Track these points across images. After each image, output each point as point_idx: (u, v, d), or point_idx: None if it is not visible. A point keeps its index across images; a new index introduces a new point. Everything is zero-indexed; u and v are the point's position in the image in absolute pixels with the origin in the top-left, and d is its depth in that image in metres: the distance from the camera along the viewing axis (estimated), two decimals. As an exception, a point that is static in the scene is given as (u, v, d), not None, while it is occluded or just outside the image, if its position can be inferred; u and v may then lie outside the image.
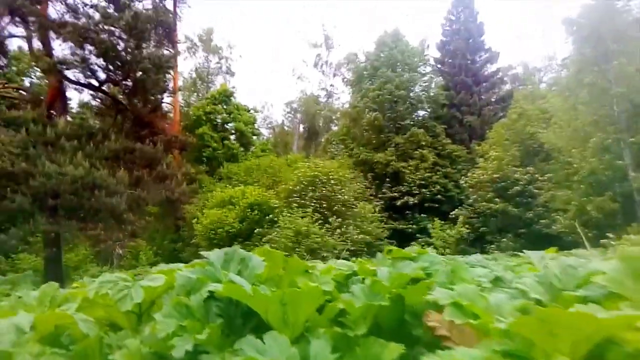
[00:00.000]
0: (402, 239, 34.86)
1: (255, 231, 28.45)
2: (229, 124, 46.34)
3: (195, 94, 55.68)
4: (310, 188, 27.28)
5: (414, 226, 36.20)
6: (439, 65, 45.05)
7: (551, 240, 28.25)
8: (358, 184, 30.78)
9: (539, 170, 29.95)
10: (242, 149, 45.07)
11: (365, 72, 43.17)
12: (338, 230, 24.58)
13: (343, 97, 76.03)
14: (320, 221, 24.67)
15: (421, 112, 43.11)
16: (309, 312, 1.81)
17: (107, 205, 13.81)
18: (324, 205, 26.48)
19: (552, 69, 65.17)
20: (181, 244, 37.27)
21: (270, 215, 28.71)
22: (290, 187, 28.13)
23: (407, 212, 36.71)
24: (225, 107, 46.93)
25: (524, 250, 3.18)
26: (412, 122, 39.52)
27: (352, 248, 24.95)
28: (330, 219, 25.32)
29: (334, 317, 1.91)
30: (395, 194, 36.74)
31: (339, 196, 27.26)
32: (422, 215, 36.45)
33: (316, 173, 27.61)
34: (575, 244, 22.71)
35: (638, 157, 18.67)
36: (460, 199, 36.37)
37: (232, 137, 46.56)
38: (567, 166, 22.84)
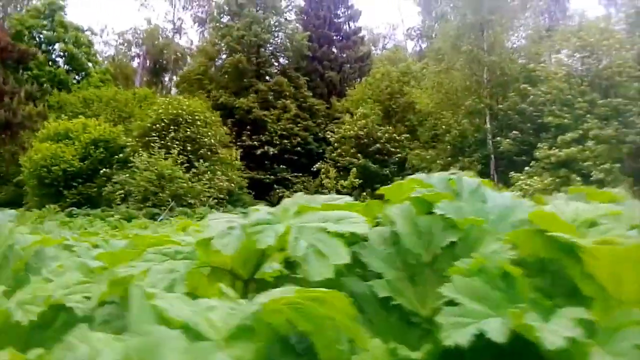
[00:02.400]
0: (260, 189, 33.99)
1: (101, 171, 24.47)
2: (56, 45, 38.73)
3: (14, 4, 45.13)
4: (172, 127, 24.26)
5: (272, 177, 35.53)
6: (303, 15, 43.96)
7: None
8: (222, 128, 28.55)
9: (397, 129, 31.61)
10: (75, 75, 38.28)
11: (226, 7, 39.83)
12: (206, 176, 22.43)
13: (192, 35, 70.38)
14: (185, 165, 22.18)
15: (282, 61, 41.92)
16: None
17: None
18: (189, 148, 23.89)
19: (394, 37, 69.93)
20: (-6, 181, 30.58)
21: (121, 155, 24.97)
22: (148, 125, 24.64)
23: (266, 162, 35.74)
24: (51, 23, 38.94)
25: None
26: (276, 70, 38.09)
27: (220, 196, 23.20)
28: (196, 164, 22.96)
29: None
30: (255, 142, 35.34)
31: (205, 139, 24.87)
32: (280, 166, 35.88)
33: (180, 112, 24.62)
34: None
35: (503, 122, 20.65)
36: (318, 152, 36.70)
37: (60, 60, 39.18)
38: (434, 127, 24.23)
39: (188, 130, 24.28)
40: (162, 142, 23.43)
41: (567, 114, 17.61)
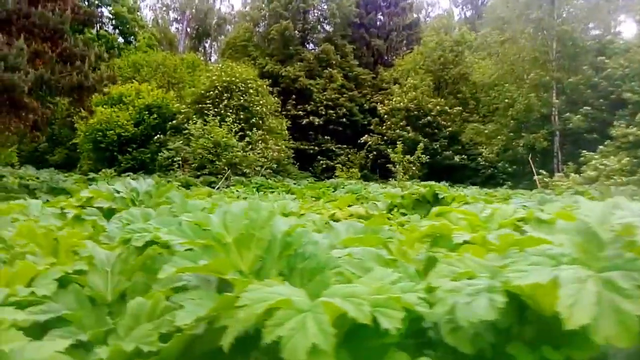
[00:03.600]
0: (304, 159, 33.78)
1: (155, 137, 24.68)
2: (106, 8, 38.65)
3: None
4: (225, 95, 24.06)
5: (316, 147, 35.22)
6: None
7: (452, 172, 29.65)
8: (271, 97, 28.23)
9: (448, 102, 30.64)
10: (122, 40, 38.36)
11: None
12: (260, 145, 22.29)
13: (232, 1, 69.69)
14: (240, 134, 22.03)
15: (327, 28, 40.90)
16: None
17: (6, 82, 9.69)
18: (241, 116, 23.71)
19: (438, 5, 67.72)
20: (46, 144, 31.27)
21: (174, 121, 25.05)
22: (202, 92, 24.51)
23: (310, 132, 35.37)
24: (100, -15, 38.86)
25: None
26: (323, 37, 37.24)
27: (274, 165, 23.10)
28: (249, 132, 22.79)
29: None
30: (300, 112, 34.95)
31: (257, 108, 24.62)
32: (325, 137, 35.47)
33: (233, 79, 24.37)
34: (492, 177, 23.80)
35: (572, 97, 19.57)
36: (363, 124, 36.11)
37: (109, 24, 39.21)
38: (495, 100, 23.25)
39: (241, 98, 24.05)
40: (216, 109, 23.30)
41: (646, 91, 16.56)
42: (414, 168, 27.66)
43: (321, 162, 34.43)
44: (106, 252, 1.68)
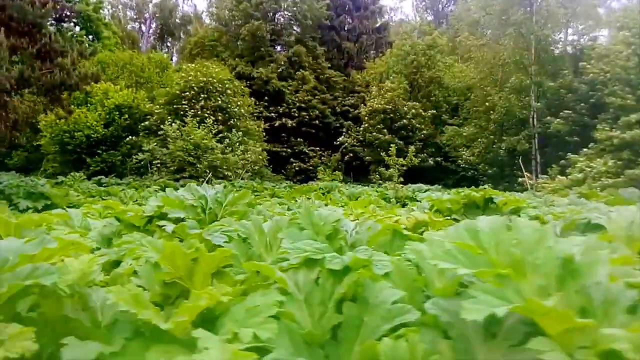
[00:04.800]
0: (276, 162, 33.19)
1: (127, 139, 23.51)
2: (69, 3, 36.61)
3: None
4: (202, 96, 23.20)
5: (289, 150, 34.71)
6: (319, -18, 42.33)
7: (424, 174, 29.91)
8: (248, 98, 27.55)
9: (422, 105, 30.90)
10: (89, 38, 36.44)
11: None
12: (241, 147, 21.60)
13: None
14: (220, 135, 21.28)
15: (297, 30, 40.47)
16: None
17: (-12, 79, 8.75)
18: (219, 117, 22.93)
19: (402, 10, 68.68)
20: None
21: (146, 122, 23.94)
22: (177, 92, 23.53)
23: (283, 134, 34.82)
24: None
25: None
26: (294, 39, 36.78)
27: (255, 167, 22.47)
28: (228, 134, 22.06)
29: None
30: (273, 114, 34.33)
31: (235, 109, 23.89)
32: (298, 139, 35.01)
33: (210, 79, 23.54)
34: (469, 178, 24.08)
35: (552, 101, 20.01)
36: (335, 126, 35.93)
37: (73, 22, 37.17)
38: (475, 104, 23.49)
39: (219, 99, 23.26)
40: (193, 110, 22.42)
41: (629, 95, 17.07)
42: (391, 170, 27.62)
43: (294, 164, 33.98)
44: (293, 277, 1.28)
